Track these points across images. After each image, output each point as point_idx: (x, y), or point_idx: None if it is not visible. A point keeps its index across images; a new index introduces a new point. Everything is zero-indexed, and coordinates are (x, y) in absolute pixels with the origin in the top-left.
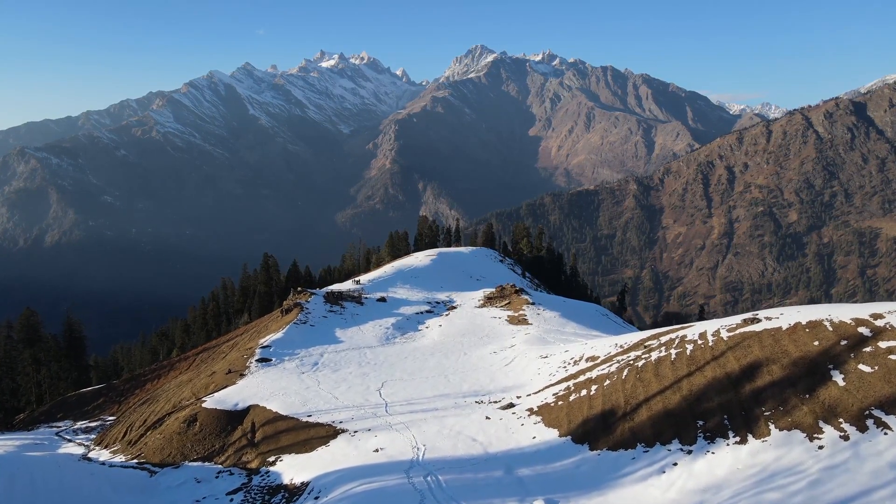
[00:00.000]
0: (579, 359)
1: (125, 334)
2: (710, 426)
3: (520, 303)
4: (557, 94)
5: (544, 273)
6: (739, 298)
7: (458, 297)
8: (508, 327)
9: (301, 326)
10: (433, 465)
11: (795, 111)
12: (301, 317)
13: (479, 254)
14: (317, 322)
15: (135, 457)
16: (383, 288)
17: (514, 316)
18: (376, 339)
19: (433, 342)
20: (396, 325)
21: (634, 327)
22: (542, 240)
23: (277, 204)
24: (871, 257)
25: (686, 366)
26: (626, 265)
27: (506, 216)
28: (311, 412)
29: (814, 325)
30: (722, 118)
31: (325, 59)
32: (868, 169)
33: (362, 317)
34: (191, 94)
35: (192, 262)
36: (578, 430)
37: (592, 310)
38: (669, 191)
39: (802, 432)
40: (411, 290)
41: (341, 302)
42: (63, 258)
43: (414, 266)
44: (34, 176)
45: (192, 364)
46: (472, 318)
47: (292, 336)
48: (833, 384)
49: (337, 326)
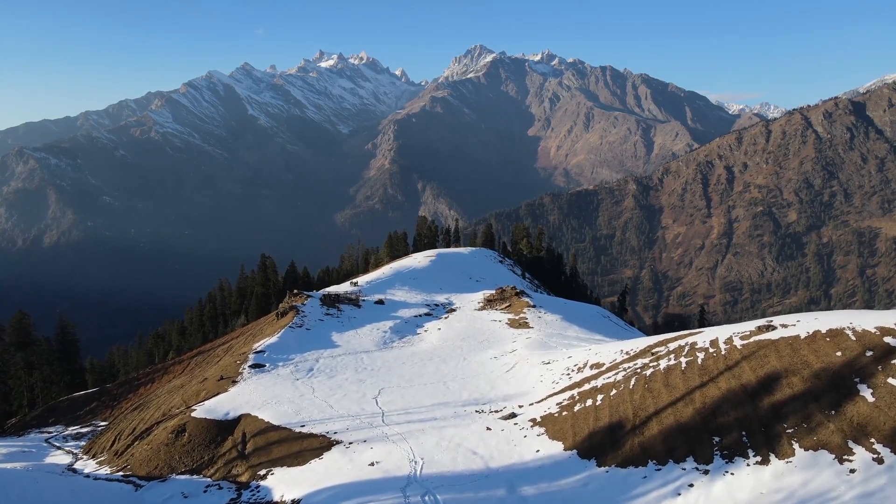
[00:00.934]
0: (583, 366)
1: (124, 335)
2: (728, 443)
3: (520, 305)
4: (556, 94)
5: (544, 274)
6: (739, 298)
7: (457, 300)
8: (509, 331)
9: (297, 330)
10: (431, 481)
11: (794, 111)
12: (297, 320)
13: (479, 254)
14: (313, 325)
15: (121, 469)
16: (381, 290)
17: (515, 319)
18: (373, 343)
19: (432, 346)
20: (394, 328)
21: (636, 330)
22: (542, 240)
23: (276, 204)
24: (871, 257)
25: (698, 376)
26: (625, 265)
27: (505, 216)
28: (305, 422)
29: (835, 334)
30: (721, 118)
31: (324, 59)
32: (867, 169)
33: (359, 320)
34: (190, 94)
35: (191, 262)
36: (585, 443)
37: (594, 312)
38: (669, 191)
39: (830, 453)
40: (410, 292)
41: (338, 305)
42: (62, 259)
43: (413, 267)
44: (33, 176)
45: (187, 368)
46: (471, 322)
47: (287, 340)
48: (861, 400)
49: (333, 330)
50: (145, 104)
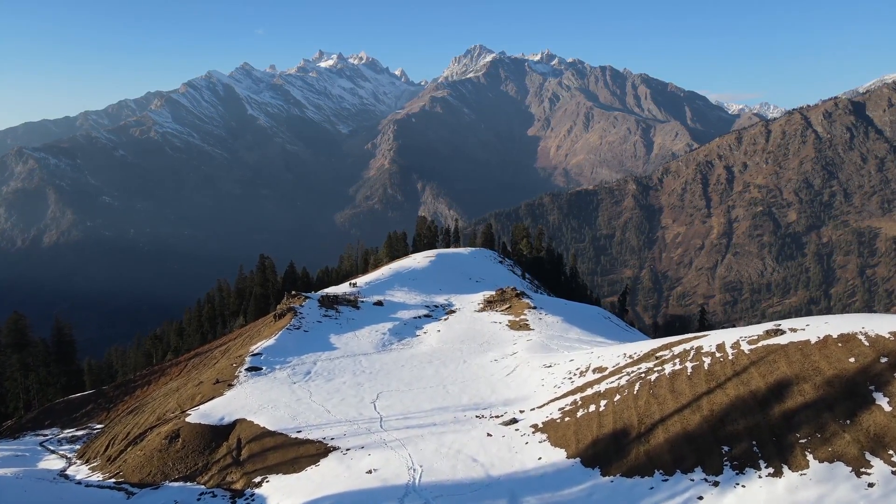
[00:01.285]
0: (585, 369)
1: (124, 335)
2: (738, 453)
3: (521, 307)
4: (556, 94)
5: (544, 274)
6: (739, 298)
7: (457, 301)
8: (509, 333)
9: (294, 332)
10: (430, 490)
11: (794, 111)
12: (294, 322)
13: (479, 255)
14: (311, 327)
15: (113, 475)
16: (380, 291)
17: (515, 321)
18: (372, 345)
19: (431, 349)
20: (393, 330)
21: (637, 331)
22: (542, 240)
23: (276, 204)
24: (871, 257)
25: (705, 382)
26: (625, 265)
27: (505, 216)
28: (301, 427)
29: (847, 339)
30: (720, 118)
31: (323, 59)
32: (867, 168)
33: (358, 322)
34: (189, 94)
35: (190, 262)
36: (588, 451)
37: (595, 313)
38: (668, 190)
39: (847, 465)
40: (409, 294)
41: (336, 306)
42: (61, 259)
43: (412, 268)
44: (32, 176)
45: (183, 370)
46: (471, 323)
47: (285, 342)
48: (877, 409)
49: (331, 332)
50: (145, 104)
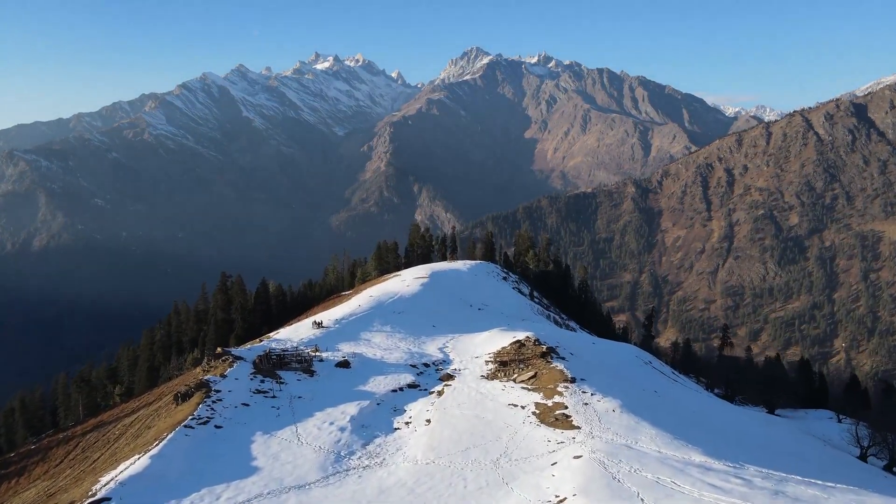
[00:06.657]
0: None
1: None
2: None
3: (550, 376)
4: (553, 97)
5: (551, 288)
6: (741, 303)
7: (455, 347)
8: (540, 433)
9: (196, 433)
10: None
11: (795, 112)
12: (202, 411)
13: (479, 271)
14: (228, 419)
15: None
16: (353, 333)
17: (546, 406)
18: (317, 463)
19: (414, 477)
20: (358, 420)
21: (687, 379)
22: (549, 251)
23: (271, 206)
24: (874, 261)
25: None
26: (624, 269)
27: (502, 219)
28: None
29: None
30: (718, 120)
31: (319, 60)
32: (869, 171)
33: (307, 402)
34: (183, 95)
35: (183, 266)
36: None
37: (630, 355)
38: (668, 193)
39: None
40: (391, 337)
41: (280, 371)
42: (51, 262)
43: (399, 294)
44: (23, 179)
45: (65, 459)
46: (478, 406)
47: (169, 461)
48: None
49: (259, 429)
50: (139, 106)
